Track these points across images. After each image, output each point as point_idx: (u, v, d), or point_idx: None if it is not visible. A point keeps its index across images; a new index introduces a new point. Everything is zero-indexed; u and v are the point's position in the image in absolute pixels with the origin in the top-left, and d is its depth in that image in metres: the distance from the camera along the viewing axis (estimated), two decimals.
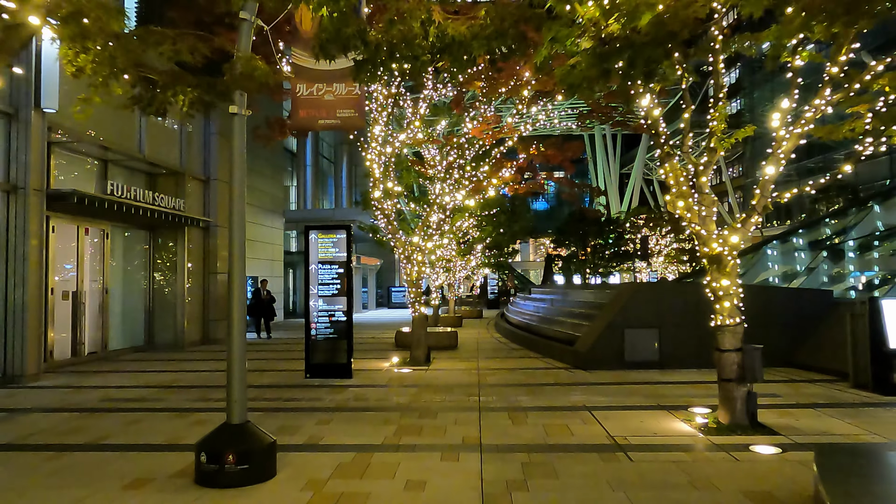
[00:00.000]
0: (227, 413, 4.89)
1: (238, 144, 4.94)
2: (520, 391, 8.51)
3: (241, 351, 4.92)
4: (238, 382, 4.89)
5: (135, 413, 7.35)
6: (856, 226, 14.39)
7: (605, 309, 11.02)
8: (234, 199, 4.93)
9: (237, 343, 4.91)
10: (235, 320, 4.92)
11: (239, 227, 4.93)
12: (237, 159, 4.94)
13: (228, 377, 4.90)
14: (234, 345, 4.90)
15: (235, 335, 4.91)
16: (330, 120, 4.93)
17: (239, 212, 4.95)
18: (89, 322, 12.78)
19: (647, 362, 10.32)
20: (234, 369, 4.89)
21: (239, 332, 4.93)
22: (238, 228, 4.93)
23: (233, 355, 4.89)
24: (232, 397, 4.87)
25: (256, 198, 22.25)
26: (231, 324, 4.91)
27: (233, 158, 4.94)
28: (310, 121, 4.95)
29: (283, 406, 7.67)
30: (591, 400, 7.81)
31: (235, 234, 4.93)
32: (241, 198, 4.95)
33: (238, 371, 4.90)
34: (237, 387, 4.89)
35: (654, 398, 7.87)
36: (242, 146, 4.99)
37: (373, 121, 10.41)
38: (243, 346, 4.95)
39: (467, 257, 21.01)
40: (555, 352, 12.00)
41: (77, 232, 12.34)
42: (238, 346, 4.91)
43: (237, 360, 4.91)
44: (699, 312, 10.51)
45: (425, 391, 8.59)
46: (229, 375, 4.90)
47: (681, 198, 6.71)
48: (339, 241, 9.98)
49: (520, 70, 9.07)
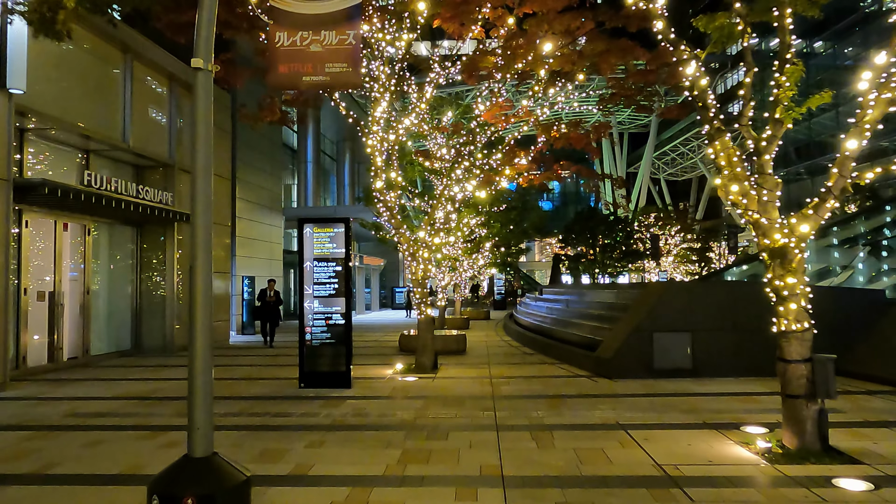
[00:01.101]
0: (189, 444, 3.89)
1: (203, 109, 3.95)
2: (540, 404, 7.50)
3: (205, 366, 3.93)
4: (202, 406, 3.89)
5: (99, 431, 6.37)
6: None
7: (631, 311, 10.00)
8: (198, 176, 3.94)
9: (201, 357, 3.92)
10: (199, 329, 3.92)
11: (204, 212, 3.94)
12: (202, 128, 3.95)
13: (190, 399, 3.90)
14: (197, 359, 3.91)
15: (199, 348, 3.91)
16: (317, 76, 3.95)
17: (204, 193, 3.96)
18: (69, 325, 11.83)
19: (679, 370, 9.30)
20: (196, 390, 3.89)
21: (204, 344, 3.93)
22: (203, 213, 3.94)
23: (195, 372, 3.90)
24: (194, 424, 3.87)
25: (255, 194, 21.31)
26: (193, 333, 3.92)
27: (196, 126, 3.94)
28: (292, 78, 3.97)
29: (269, 423, 6.68)
30: (623, 416, 6.79)
31: (200, 221, 3.94)
32: (206, 176, 3.96)
33: (202, 392, 3.90)
34: (201, 412, 3.89)
35: (696, 414, 6.85)
36: (208, 111, 3.99)
37: (374, 101, 9.42)
38: (209, 361, 3.96)
39: (475, 256, 19.97)
40: (573, 357, 10.99)
41: (54, 227, 11.38)
42: (202, 360, 3.92)
43: (201, 379, 3.91)
44: (736, 314, 9.52)
45: (433, 404, 7.59)
46: (191, 397, 3.90)
47: (734, 181, 5.70)
48: (337, 235, 8.99)
49: (539, 43, 8.08)
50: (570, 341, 12.04)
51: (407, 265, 11.06)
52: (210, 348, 3.99)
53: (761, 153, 5.49)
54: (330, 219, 9.09)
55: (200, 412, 3.89)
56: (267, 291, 15.40)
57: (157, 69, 13.77)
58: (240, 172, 19.69)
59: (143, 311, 13.89)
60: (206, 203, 3.97)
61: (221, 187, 16.27)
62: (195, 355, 3.91)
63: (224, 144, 16.58)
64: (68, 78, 11.28)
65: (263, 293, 15.49)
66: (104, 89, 12.27)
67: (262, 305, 15.46)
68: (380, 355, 13.10)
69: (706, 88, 5.94)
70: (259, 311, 15.67)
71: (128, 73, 12.73)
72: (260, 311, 15.58)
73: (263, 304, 15.43)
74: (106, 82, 12.34)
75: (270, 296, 15.32)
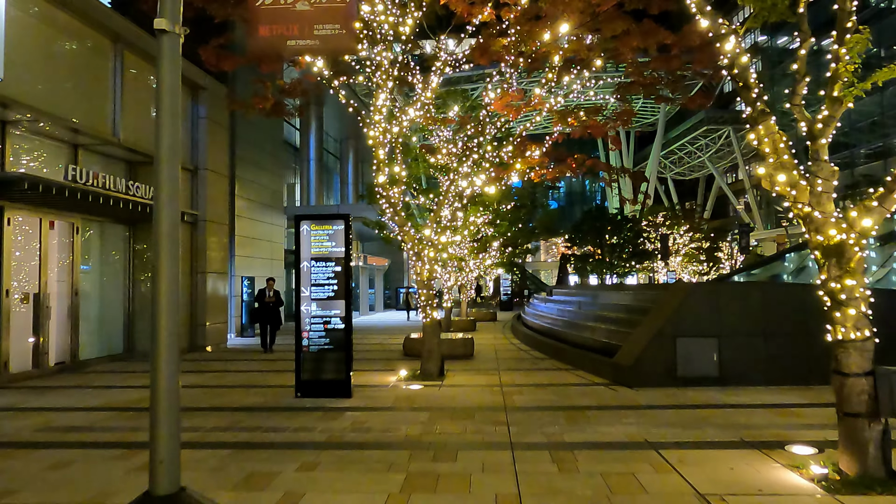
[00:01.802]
0: (151, 479, 3.25)
1: (168, 77, 3.32)
2: (557, 417, 6.84)
3: (170, 385, 3.29)
4: (166, 433, 3.26)
5: (70, 450, 5.74)
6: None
7: (652, 314, 9.33)
8: (162, 159, 3.31)
9: (166, 375, 3.29)
10: (163, 340, 3.30)
11: (169, 201, 3.31)
12: (167, 100, 3.32)
13: (152, 426, 3.27)
14: (160, 377, 3.28)
15: (162, 363, 3.28)
16: (305, 40, 3.32)
17: (169, 179, 3.32)
18: (56, 328, 11.23)
19: (704, 378, 8.62)
20: (160, 414, 3.26)
21: (168, 357, 3.30)
22: (168, 202, 3.31)
23: (158, 392, 3.26)
24: (157, 455, 3.23)
25: (255, 192, 20.70)
26: (156, 344, 3.29)
27: (160, 98, 3.31)
28: (275, 42, 3.35)
29: (260, 440, 6.04)
30: (651, 432, 6.13)
31: (165, 211, 3.31)
32: (171, 157, 3.33)
33: (166, 417, 3.27)
34: (165, 440, 3.26)
35: (732, 429, 6.17)
36: (174, 80, 3.36)
37: (376, 87, 8.79)
38: (174, 379, 3.32)
39: (482, 256, 19.30)
40: (589, 363, 10.32)
41: (40, 225, 10.78)
42: (167, 379, 3.29)
43: (165, 402, 3.28)
44: (767, 318, 8.83)
45: (440, 417, 6.94)
46: (153, 423, 3.26)
47: (782, 170, 5.03)
48: (336, 233, 8.35)
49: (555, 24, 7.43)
50: (585, 346, 11.38)
51: (412, 265, 10.41)
52: (177, 362, 3.36)
53: (816, 137, 4.82)
54: (328, 215, 8.46)
55: (164, 441, 3.27)
56: (266, 291, 14.10)
57: (150, 60, 13.16)
58: (239, 170, 19.08)
59: (135, 314, 13.30)
60: (172, 190, 3.34)
61: (219, 185, 15.68)
62: (158, 372, 3.28)
63: (222, 140, 15.98)
64: (54, 68, 10.70)
65: (262, 293, 14.17)
66: (93, 81, 11.69)
67: (261, 307, 14.15)
68: (383, 360, 12.46)
69: (747, 66, 5.28)
70: (258, 314, 14.39)
71: (118, 63, 12.14)
72: (259, 313, 14.29)
73: (262, 305, 14.12)
74: (95, 73, 11.75)
75: (270, 296, 14.02)
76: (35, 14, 10.30)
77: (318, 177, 30.80)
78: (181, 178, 11.31)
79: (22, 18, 9.99)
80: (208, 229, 14.76)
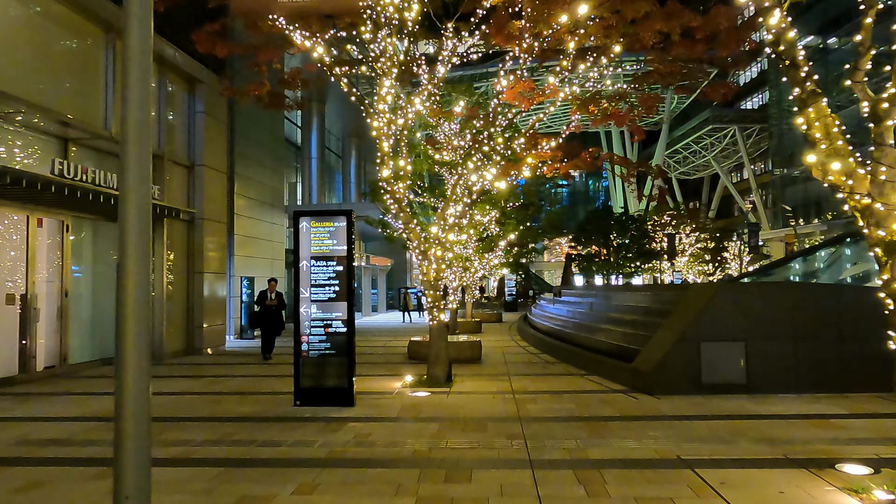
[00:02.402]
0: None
1: (137, 32, 2.79)
2: (577, 430, 6.30)
3: (139, 403, 2.75)
4: (134, 462, 2.73)
5: (45, 467, 5.21)
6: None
7: (674, 317, 8.78)
8: (129, 136, 2.78)
9: (133, 390, 2.75)
10: (129, 347, 2.76)
11: (138, 185, 2.78)
12: (135, 65, 2.79)
13: (117, 455, 2.73)
14: (125, 394, 2.74)
15: (129, 376, 2.75)
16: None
17: (138, 159, 2.79)
18: (44, 331, 10.71)
19: (730, 385, 8.07)
20: (125, 439, 2.72)
21: (136, 371, 2.76)
22: (137, 187, 2.78)
23: (124, 413, 2.73)
24: (123, 489, 2.70)
25: (255, 190, 20.18)
26: (121, 353, 2.76)
27: (128, 63, 2.79)
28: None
29: (254, 456, 5.50)
30: (683, 447, 5.58)
31: (132, 197, 2.78)
32: (140, 133, 2.80)
33: (134, 442, 2.73)
34: (132, 471, 2.72)
35: (772, 444, 5.62)
36: (145, 43, 2.84)
37: (380, 75, 8.25)
38: (144, 396, 2.78)
39: (489, 255, 18.75)
40: (604, 368, 9.78)
41: (27, 223, 10.26)
42: (134, 396, 2.75)
43: (133, 425, 2.74)
44: (797, 321, 8.27)
45: (450, 429, 6.40)
46: (119, 450, 2.73)
47: (835, 157, 4.49)
48: (338, 230, 7.82)
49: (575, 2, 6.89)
50: (598, 349, 10.84)
51: (417, 264, 9.87)
52: (146, 379, 2.81)
53: (881, 118, 4.28)
54: (330, 211, 7.93)
55: (131, 472, 2.73)
56: (267, 293, 12.82)
57: None
58: (238, 167, 18.57)
59: None
60: (141, 174, 2.80)
61: (218, 182, 15.16)
62: (123, 391, 2.74)
63: (220, 136, 15.46)
64: (42, 58, 10.19)
65: (263, 295, 12.88)
66: (84, 72, 11.18)
67: (262, 310, 12.85)
68: (387, 364, 11.93)
69: (794, 42, 4.74)
70: (258, 318, 13.01)
71: (110, 54, 11.62)
72: (259, 316, 12.96)
73: (263, 308, 12.83)
74: (86, 65, 11.24)
75: (271, 298, 12.77)
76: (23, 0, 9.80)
77: (319, 175, 30.30)
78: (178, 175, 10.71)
79: (7, 5, 9.48)
80: (206, 228, 14.25)
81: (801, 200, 47.63)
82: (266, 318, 12.77)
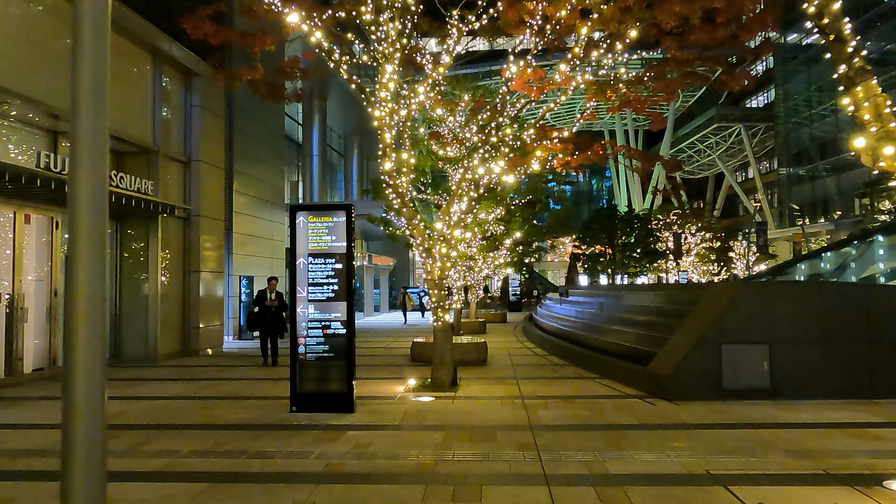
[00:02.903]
0: None
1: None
2: (594, 440, 5.84)
3: (91, 422, 2.31)
4: (86, 491, 2.29)
5: (13, 482, 4.77)
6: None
7: (692, 318, 8.31)
8: (80, 100, 2.35)
9: (83, 405, 2.31)
10: (79, 353, 2.32)
11: (93, 161, 2.34)
12: (87, 15, 2.35)
13: (64, 484, 2.29)
14: (75, 410, 2.31)
15: (78, 389, 2.31)
16: None
17: (92, 129, 2.35)
18: (33, 332, 10.30)
19: (754, 390, 7.60)
20: (73, 462, 2.29)
21: (88, 384, 2.32)
22: (91, 163, 2.34)
23: (72, 440, 2.30)
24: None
25: (254, 188, 19.73)
26: (71, 360, 2.32)
27: (78, 12, 2.35)
28: None
29: (245, 469, 5.06)
30: (710, 461, 5.11)
31: (83, 176, 2.34)
32: (95, 98, 2.36)
33: (85, 464, 2.30)
34: (82, 500, 2.28)
35: (808, 458, 5.15)
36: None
37: (383, 60, 7.81)
38: (99, 412, 2.34)
39: (494, 254, 18.28)
40: (617, 372, 9.32)
41: (14, 219, 9.85)
42: (85, 411, 2.31)
43: (84, 445, 2.31)
44: (825, 322, 7.79)
45: (456, 438, 5.95)
46: (67, 478, 2.29)
47: (888, 140, 4.05)
48: (337, 225, 7.37)
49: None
50: (610, 351, 10.38)
51: (421, 263, 9.43)
52: (101, 392, 2.37)
53: None
54: (328, 206, 7.49)
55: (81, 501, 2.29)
56: (266, 293, 11.87)
57: (139, 42, 12.24)
58: (237, 164, 18.12)
59: (122, 316, 12.35)
60: (96, 148, 2.35)
61: (215, 178, 14.73)
62: (72, 407, 2.31)
63: (218, 131, 15.03)
64: (29, 47, 9.77)
65: (262, 295, 11.92)
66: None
67: (261, 311, 11.81)
68: (389, 366, 11.48)
69: (839, 14, 4.29)
70: (257, 319, 11.92)
71: None
72: (258, 318, 11.87)
73: (262, 309, 11.80)
74: None
75: (271, 299, 11.81)
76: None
77: (321, 173, 29.87)
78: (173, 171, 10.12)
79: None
80: (202, 225, 13.81)
81: (807, 200, 47.10)
82: (265, 320, 11.84)
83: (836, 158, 42.85)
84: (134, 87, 12.31)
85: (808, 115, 47.45)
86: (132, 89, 12.25)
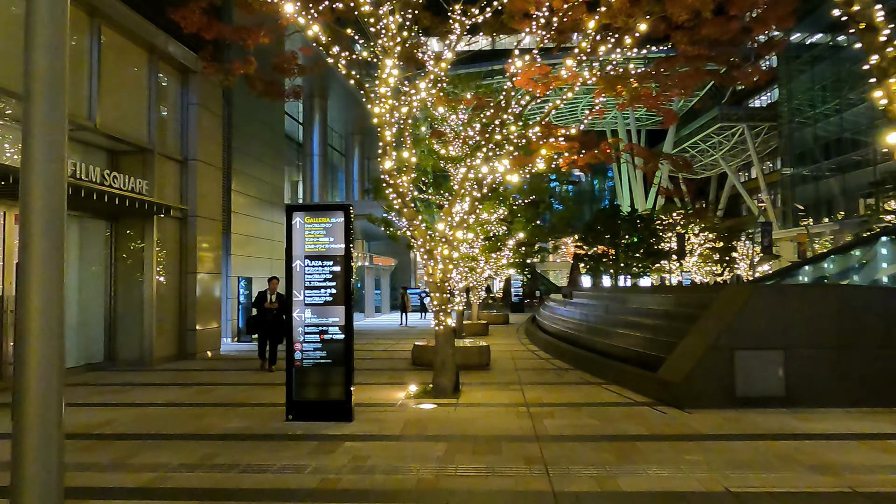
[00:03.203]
0: None
1: None
2: (604, 452, 5.55)
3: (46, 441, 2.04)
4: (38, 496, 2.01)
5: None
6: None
7: (704, 321, 8.01)
8: (34, 85, 2.07)
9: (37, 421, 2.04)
10: (32, 360, 2.05)
11: (50, 145, 2.07)
12: None
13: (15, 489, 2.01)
14: (26, 426, 2.04)
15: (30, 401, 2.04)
16: None
17: (48, 116, 2.08)
18: None
19: (768, 398, 7.31)
20: (24, 485, 2.01)
21: (43, 394, 2.05)
22: (48, 149, 2.07)
23: (24, 464, 2.03)
24: None
25: (254, 188, 19.46)
26: (22, 368, 2.05)
27: None
28: None
29: (235, 485, 4.77)
30: (728, 476, 4.82)
31: (38, 163, 2.07)
32: (51, 83, 2.08)
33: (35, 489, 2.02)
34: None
35: (832, 473, 4.85)
36: None
37: (382, 54, 7.53)
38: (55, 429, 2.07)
39: (497, 255, 17.99)
40: (624, 377, 9.03)
41: (3, 219, 9.58)
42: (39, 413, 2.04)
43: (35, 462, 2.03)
44: (843, 328, 7.48)
45: (459, 450, 5.66)
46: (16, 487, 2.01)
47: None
48: (335, 226, 7.09)
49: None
50: (616, 355, 10.10)
51: (422, 265, 9.14)
52: (57, 402, 2.09)
53: None
54: (326, 206, 7.21)
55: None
56: (266, 294, 11.29)
57: (134, 38, 11.97)
58: (236, 163, 17.84)
59: (117, 318, 12.08)
60: (52, 138, 2.08)
61: (213, 178, 14.47)
62: (23, 420, 2.03)
63: (216, 130, 14.76)
64: (17, 42, 9.49)
65: (262, 296, 11.33)
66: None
67: (261, 314, 11.24)
68: (389, 370, 11.19)
69: (870, 1, 3.99)
70: (256, 322, 11.38)
71: (95, 41, 10.93)
72: (258, 321, 11.32)
73: (262, 311, 11.21)
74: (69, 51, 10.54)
75: (271, 301, 11.19)
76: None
77: (321, 174, 29.61)
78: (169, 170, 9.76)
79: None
80: (200, 226, 13.54)
81: (811, 200, 46.71)
82: (265, 323, 11.20)
83: (841, 158, 42.50)
84: (129, 85, 12.05)
85: (811, 115, 47.10)
86: (127, 86, 11.99)
